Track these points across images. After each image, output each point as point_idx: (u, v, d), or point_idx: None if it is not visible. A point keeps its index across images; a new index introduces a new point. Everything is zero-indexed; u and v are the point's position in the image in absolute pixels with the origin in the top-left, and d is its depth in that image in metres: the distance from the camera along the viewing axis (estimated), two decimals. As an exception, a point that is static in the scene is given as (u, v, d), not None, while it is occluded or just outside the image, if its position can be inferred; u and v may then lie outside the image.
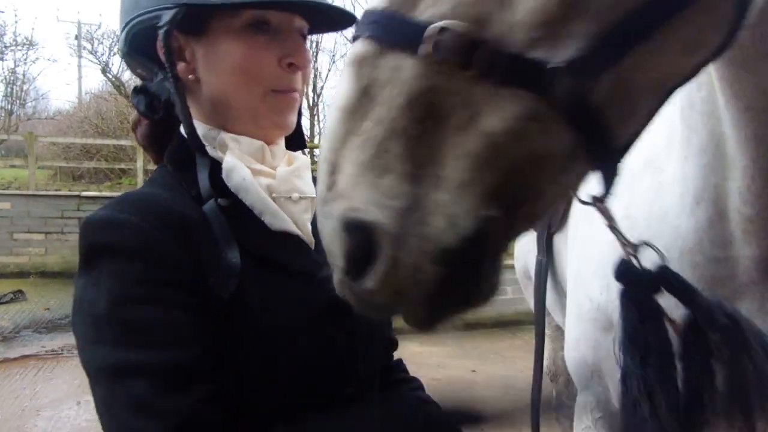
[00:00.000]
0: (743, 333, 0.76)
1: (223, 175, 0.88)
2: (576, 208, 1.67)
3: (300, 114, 1.03)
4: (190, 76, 0.91)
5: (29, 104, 22.16)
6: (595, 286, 1.37)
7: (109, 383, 0.72)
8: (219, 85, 0.90)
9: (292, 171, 0.94)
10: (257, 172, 0.90)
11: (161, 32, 0.86)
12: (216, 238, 0.80)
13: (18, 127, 18.19)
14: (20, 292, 7.74)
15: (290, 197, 0.92)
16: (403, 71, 0.58)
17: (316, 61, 23.69)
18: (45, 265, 9.11)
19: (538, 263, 1.86)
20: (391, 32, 0.59)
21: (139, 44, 0.94)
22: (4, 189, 10.34)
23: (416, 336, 6.40)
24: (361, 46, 0.61)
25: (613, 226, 0.84)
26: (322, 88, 19.67)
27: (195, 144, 0.89)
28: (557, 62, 0.56)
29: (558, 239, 1.89)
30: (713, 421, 0.75)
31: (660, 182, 1.21)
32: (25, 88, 21.23)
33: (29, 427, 4.09)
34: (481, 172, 0.57)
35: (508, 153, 0.58)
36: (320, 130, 23.17)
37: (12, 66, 20.72)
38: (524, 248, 2.64)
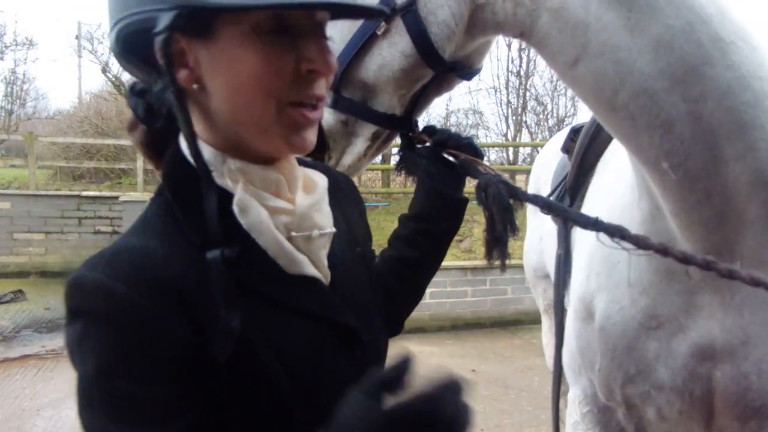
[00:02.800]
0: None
1: (235, 212, 0.78)
2: (585, 204, 1.68)
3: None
4: (194, 85, 0.77)
5: (29, 104, 22.15)
6: (579, 278, 1.38)
7: None
8: (227, 95, 0.77)
9: (313, 205, 0.84)
10: (274, 210, 0.80)
11: (159, 39, 0.73)
12: (216, 299, 0.72)
13: (18, 127, 18.19)
14: (20, 291, 7.74)
15: (310, 234, 0.83)
16: None
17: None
18: (45, 264, 9.11)
19: (557, 257, 1.87)
20: None
21: (133, 45, 0.80)
22: (4, 189, 10.32)
23: (416, 336, 6.41)
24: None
25: (563, 208, 1.01)
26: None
27: (201, 171, 0.77)
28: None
29: (575, 234, 1.90)
30: None
31: (620, 175, 1.23)
32: (25, 88, 21.25)
33: (29, 427, 4.09)
34: None
35: None
36: (320, 129, 23.03)
37: (12, 66, 20.75)
38: (535, 246, 2.62)
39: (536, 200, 1.02)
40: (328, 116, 1.18)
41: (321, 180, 0.89)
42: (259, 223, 0.78)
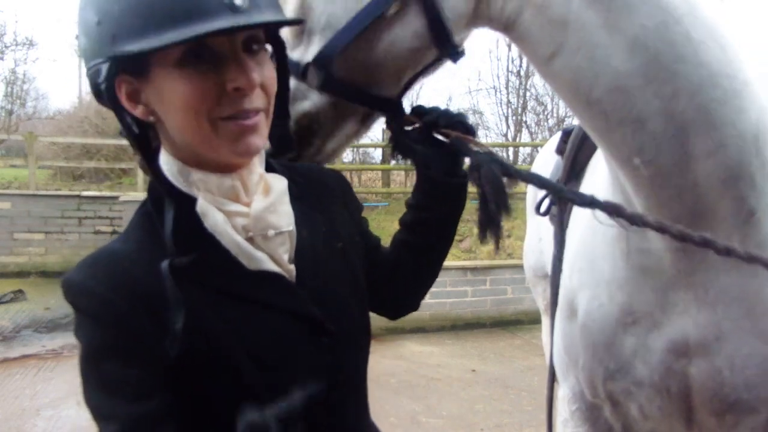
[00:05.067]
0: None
1: (201, 216, 0.90)
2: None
3: (287, 115, 1.03)
4: (150, 118, 0.90)
5: (29, 104, 22.12)
6: (565, 275, 1.39)
7: (94, 418, 0.84)
8: (171, 121, 0.89)
9: (267, 208, 0.93)
10: (231, 213, 0.91)
11: (102, 88, 0.86)
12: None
13: (18, 127, 18.16)
14: (20, 291, 7.74)
15: (266, 234, 0.92)
16: None
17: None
18: (45, 264, 9.12)
19: (553, 258, 1.88)
20: None
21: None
22: (4, 189, 10.32)
23: (416, 336, 6.41)
24: None
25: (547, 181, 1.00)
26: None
27: (164, 188, 0.91)
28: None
29: (567, 234, 1.90)
30: None
31: (600, 172, 1.24)
32: (25, 88, 21.24)
33: (29, 426, 4.09)
34: None
35: None
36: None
37: (12, 66, 20.73)
38: (534, 246, 2.62)
39: (531, 178, 1.01)
40: (316, 98, 1.15)
41: (278, 184, 0.97)
42: (215, 225, 0.89)
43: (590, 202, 0.94)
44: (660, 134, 0.98)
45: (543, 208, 1.59)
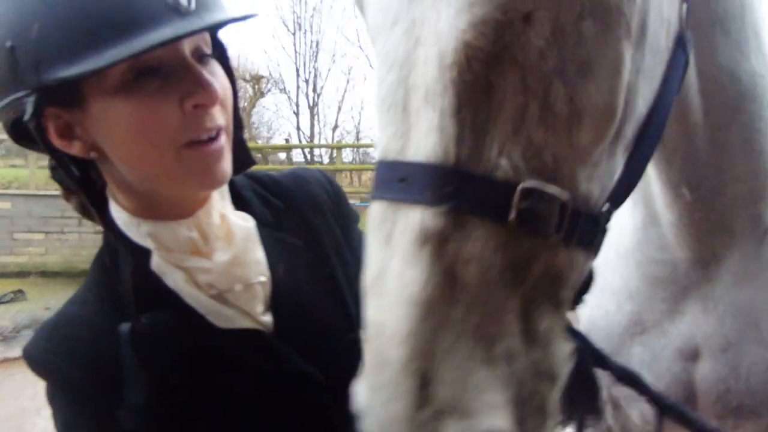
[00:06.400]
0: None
1: (159, 275, 0.79)
2: None
3: (241, 126, 0.87)
4: (92, 154, 0.75)
5: (29, 104, 22.12)
6: None
7: None
8: (122, 155, 0.74)
9: (231, 261, 0.81)
10: (192, 270, 0.79)
11: (31, 126, 0.69)
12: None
13: (18, 127, 18.18)
14: (20, 291, 7.74)
15: (233, 290, 0.81)
16: (490, 242, 0.51)
17: (315, 61, 23.64)
18: (45, 264, 9.11)
19: None
20: (473, 199, 0.50)
21: (22, 132, 0.74)
22: (4, 189, 10.33)
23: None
24: (432, 218, 0.50)
25: None
26: (322, 87, 19.68)
27: (117, 239, 0.80)
28: (605, 207, 0.60)
29: None
30: None
31: None
32: (25, 87, 21.21)
33: (29, 426, 4.09)
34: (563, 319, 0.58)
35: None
36: (320, 129, 23.18)
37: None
38: None
39: (632, 380, 0.88)
40: None
41: (242, 228, 0.84)
42: (175, 284, 0.79)
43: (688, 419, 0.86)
44: (706, 163, 1.00)
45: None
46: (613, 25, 0.54)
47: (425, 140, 0.51)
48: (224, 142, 0.77)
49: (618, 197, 0.61)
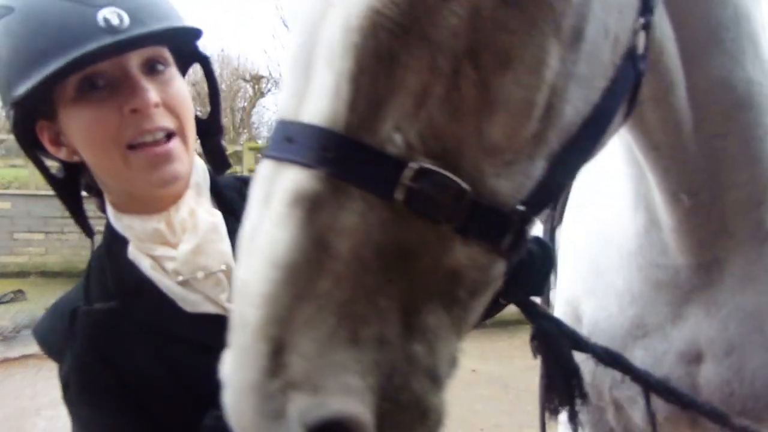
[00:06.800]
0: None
1: (135, 263, 0.91)
2: (570, 204, 1.69)
3: (220, 132, 1.00)
4: (74, 158, 0.90)
5: (29, 104, 22.13)
6: (566, 280, 1.41)
7: None
8: (87, 157, 0.88)
9: (192, 250, 0.90)
10: (159, 258, 0.90)
11: (20, 136, 0.87)
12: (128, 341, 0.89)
13: (18, 127, 18.17)
14: (20, 291, 7.74)
15: (196, 277, 0.90)
16: (370, 217, 0.49)
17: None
18: (45, 264, 9.11)
19: None
20: (356, 168, 0.48)
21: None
22: (4, 189, 10.32)
23: (416, 336, 6.41)
24: (307, 181, 0.48)
25: None
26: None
27: (107, 232, 0.94)
28: (518, 207, 0.56)
29: (559, 233, 1.91)
30: None
31: (615, 186, 1.25)
32: (25, 87, 21.22)
33: (29, 426, 4.09)
34: (458, 317, 0.55)
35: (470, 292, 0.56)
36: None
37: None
38: None
39: (610, 358, 0.88)
40: None
41: (206, 221, 0.92)
42: (147, 272, 0.89)
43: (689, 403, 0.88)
44: (702, 170, 1.00)
45: None
46: (539, 19, 0.52)
47: (318, 102, 0.50)
48: (176, 144, 0.87)
49: (537, 202, 0.57)
